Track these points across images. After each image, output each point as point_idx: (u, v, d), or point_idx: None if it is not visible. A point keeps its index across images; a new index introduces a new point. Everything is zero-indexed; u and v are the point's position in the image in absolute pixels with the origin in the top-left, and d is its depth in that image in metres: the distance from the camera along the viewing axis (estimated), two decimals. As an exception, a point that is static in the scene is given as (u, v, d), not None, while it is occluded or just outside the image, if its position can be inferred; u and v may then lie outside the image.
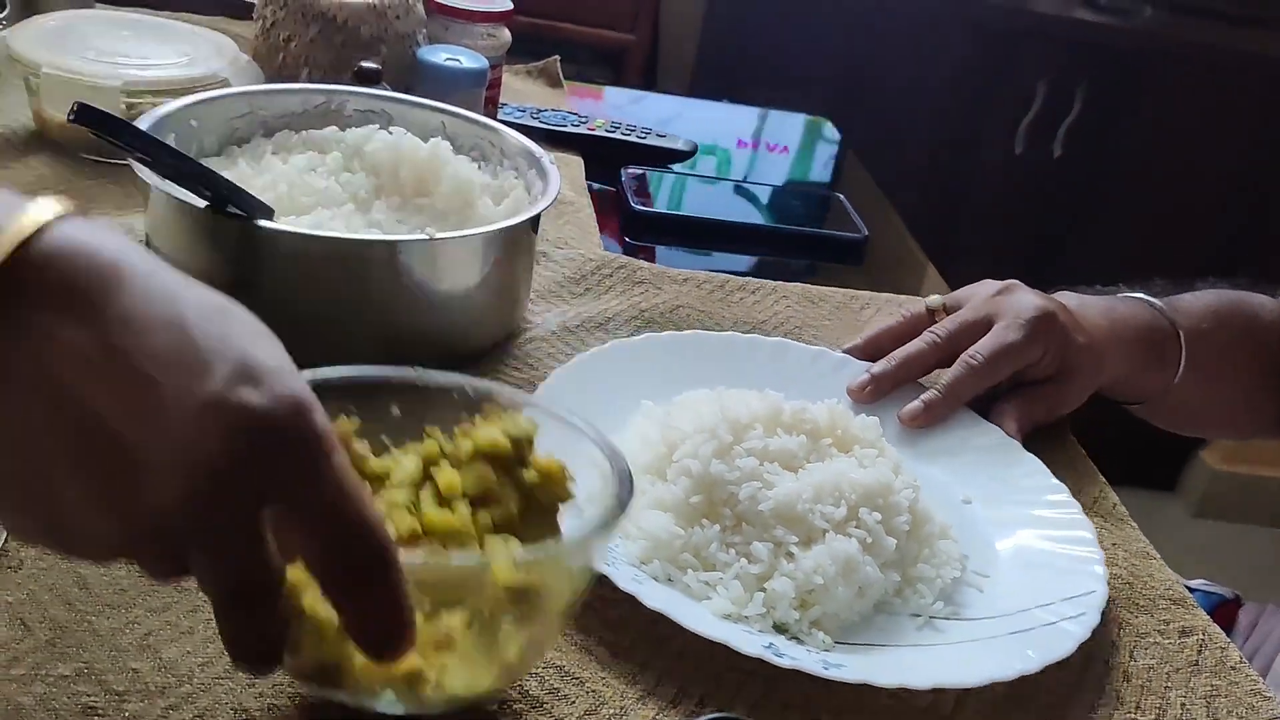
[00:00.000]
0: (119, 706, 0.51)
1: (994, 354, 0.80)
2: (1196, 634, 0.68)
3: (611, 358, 0.78)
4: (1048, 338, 0.80)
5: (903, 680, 0.57)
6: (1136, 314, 0.88)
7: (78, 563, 0.58)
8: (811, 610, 0.61)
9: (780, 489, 0.64)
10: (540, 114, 1.22)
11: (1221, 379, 0.92)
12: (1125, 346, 0.86)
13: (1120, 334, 0.86)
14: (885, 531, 0.65)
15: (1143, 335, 0.88)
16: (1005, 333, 0.80)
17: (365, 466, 0.53)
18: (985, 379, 0.80)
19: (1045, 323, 0.80)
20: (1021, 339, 0.80)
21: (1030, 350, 0.80)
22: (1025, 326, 0.80)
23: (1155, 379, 0.88)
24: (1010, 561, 0.69)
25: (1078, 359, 0.82)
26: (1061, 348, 0.81)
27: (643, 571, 0.63)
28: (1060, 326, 0.81)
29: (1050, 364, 0.81)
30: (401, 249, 0.74)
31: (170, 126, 0.81)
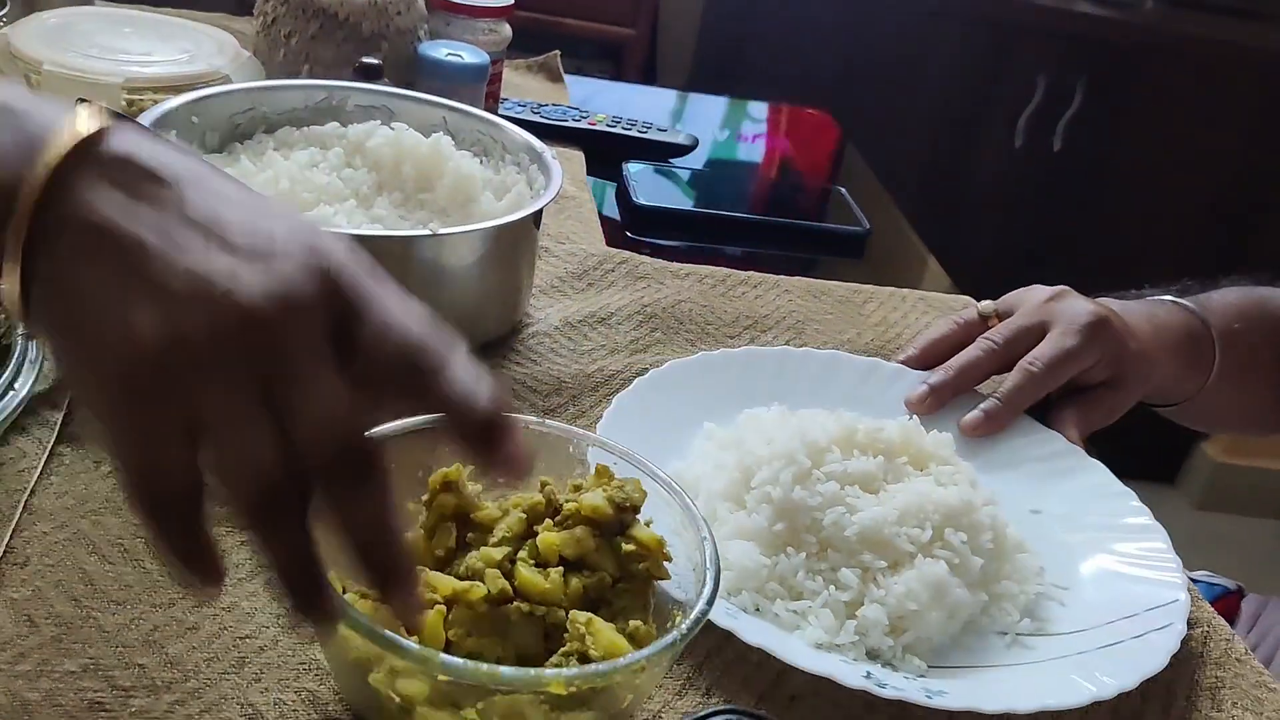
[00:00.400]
0: (125, 702, 0.51)
1: (1053, 360, 0.80)
2: (1201, 626, 0.68)
3: (669, 378, 0.77)
4: (1103, 343, 0.81)
5: (1008, 705, 0.57)
6: (1175, 317, 0.89)
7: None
8: (904, 635, 0.61)
9: (864, 513, 0.64)
10: (541, 109, 1.22)
11: (1250, 378, 0.92)
12: (1169, 352, 0.87)
13: (1163, 340, 0.87)
14: (971, 551, 0.64)
15: (1183, 339, 0.88)
16: (1063, 339, 0.81)
17: (476, 514, 0.54)
18: (1045, 385, 0.80)
19: (1100, 328, 0.81)
20: (1078, 344, 0.80)
21: (1086, 356, 0.80)
22: (1081, 332, 0.80)
23: (1192, 382, 0.89)
24: (1087, 573, 0.69)
25: (1131, 365, 0.83)
26: (1115, 353, 0.82)
27: (733, 604, 0.61)
28: (1114, 332, 0.82)
29: (1104, 369, 0.82)
30: (405, 244, 0.74)
31: (172, 123, 0.81)
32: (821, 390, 0.80)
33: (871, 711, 0.58)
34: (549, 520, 0.54)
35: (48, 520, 0.60)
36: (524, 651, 0.51)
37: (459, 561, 0.54)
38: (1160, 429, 1.01)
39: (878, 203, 1.28)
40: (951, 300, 1.01)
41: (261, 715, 0.52)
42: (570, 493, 0.55)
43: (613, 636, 0.50)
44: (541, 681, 0.44)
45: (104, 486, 0.63)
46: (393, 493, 0.42)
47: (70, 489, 0.62)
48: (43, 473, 0.63)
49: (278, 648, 0.55)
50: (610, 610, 0.53)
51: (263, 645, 0.55)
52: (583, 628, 0.50)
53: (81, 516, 0.61)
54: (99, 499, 0.62)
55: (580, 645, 0.49)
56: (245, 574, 0.59)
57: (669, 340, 0.87)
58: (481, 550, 0.53)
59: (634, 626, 0.52)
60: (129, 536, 0.60)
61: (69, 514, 0.61)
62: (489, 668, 0.43)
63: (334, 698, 0.53)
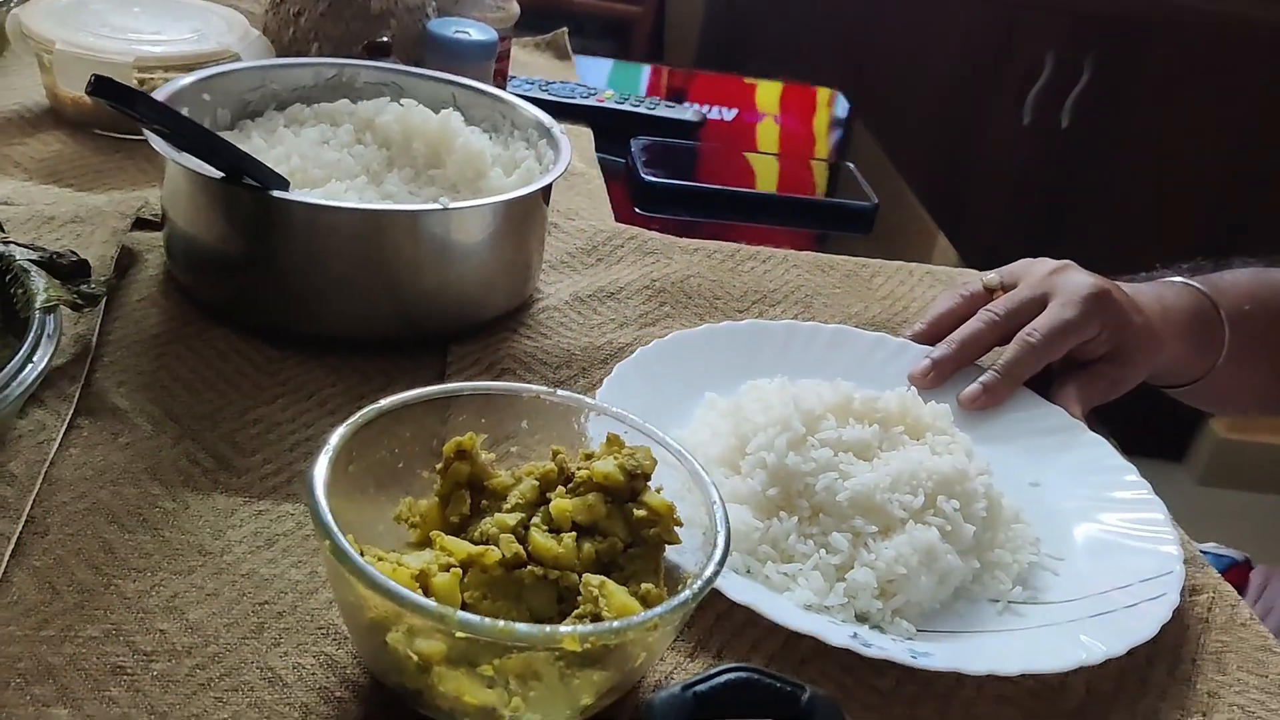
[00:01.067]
0: (147, 666, 0.52)
1: (1051, 331, 0.80)
2: (1206, 592, 0.69)
3: (672, 349, 0.78)
4: (1104, 315, 0.81)
5: (991, 667, 0.57)
6: (1184, 299, 0.89)
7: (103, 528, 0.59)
8: (893, 599, 0.62)
9: (857, 479, 0.65)
10: (549, 86, 1.23)
11: (1259, 359, 0.92)
12: (1178, 334, 0.86)
13: (1172, 320, 0.87)
14: (964, 519, 0.65)
15: (1192, 321, 0.88)
16: (1062, 310, 0.80)
17: (490, 481, 0.56)
18: (1043, 357, 0.80)
19: (1101, 300, 0.81)
20: (1078, 315, 0.80)
21: (1087, 328, 0.80)
22: (1082, 304, 0.80)
23: (1201, 364, 0.89)
24: (1083, 544, 0.70)
25: (1136, 339, 0.82)
26: (1117, 326, 0.81)
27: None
28: (1116, 305, 0.81)
29: (1105, 342, 0.82)
30: (416, 219, 0.75)
31: (183, 101, 0.82)
32: (827, 363, 0.81)
33: (880, 675, 0.59)
34: (561, 487, 0.55)
35: (67, 490, 0.61)
36: (538, 614, 0.52)
37: (473, 528, 0.55)
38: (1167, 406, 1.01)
39: (886, 179, 1.28)
40: (959, 275, 1.02)
41: (281, 678, 0.53)
42: (582, 461, 0.56)
43: (625, 598, 0.51)
44: (556, 638, 0.44)
45: (122, 458, 0.64)
46: None
47: (89, 460, 0.63)
48: (61, 444, 0.64)
49: (296, 613, 0.56)
50: (622, 574, 0.53)
51: (281, 611, 0.56)
52: (596, 590, 0.50)
53: (100, 487, 0.62)
54: (117, 470, 0.63)
55: (593, 607, 0.50)
56: (263, 542, 0.60)
57: (678, 314, 0.88)
58: (495, 516, 0.54)
59: (645, 589, 0.52)
60: (147, 506, 0.61)
61: (88, 484, 0.62)
62: (505, 624, 0.44)
63: (352, 661, 0.54)
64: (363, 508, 0.54)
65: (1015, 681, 0.60)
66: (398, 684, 0.50)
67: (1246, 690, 0.62)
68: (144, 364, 0.72)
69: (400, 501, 0.56)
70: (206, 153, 0.71)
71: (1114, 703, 0.60)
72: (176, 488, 0.63)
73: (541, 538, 0.53)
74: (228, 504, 0.62)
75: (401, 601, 0.45)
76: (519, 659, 0.46)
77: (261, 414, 0.70)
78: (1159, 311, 0.86)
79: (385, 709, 0.52)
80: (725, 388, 0.75)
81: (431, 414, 0.58)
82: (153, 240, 0.84)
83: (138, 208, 0.86)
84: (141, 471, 0.63)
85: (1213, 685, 0.62)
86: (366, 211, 0.75)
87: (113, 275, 0.77)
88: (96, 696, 0.50)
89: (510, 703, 0.48)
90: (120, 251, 0.80)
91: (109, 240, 0.80)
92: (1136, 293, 0.87)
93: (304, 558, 0.60)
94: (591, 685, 0.49)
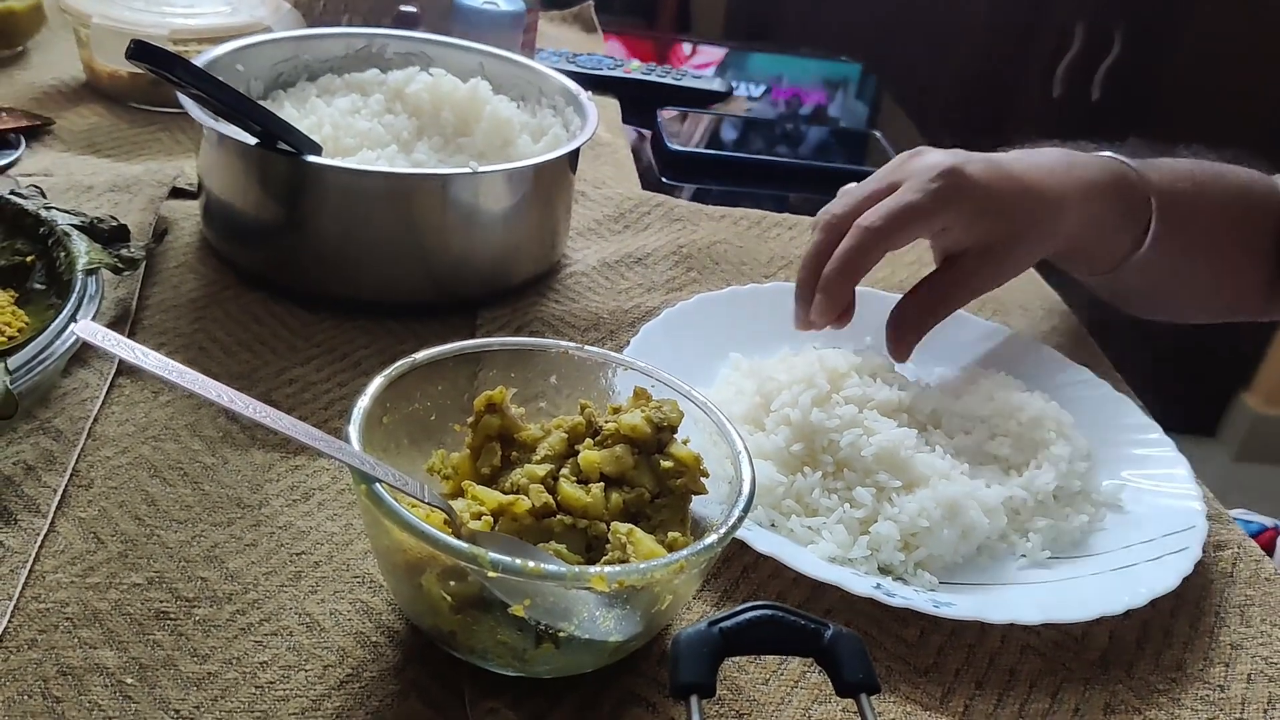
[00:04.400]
0: (189, 611, 0.54)
1: (889, 215, 0.70)
2: (1231, 547, 0.69)
3: (698, 310, 0.79)
4: (956, 197, 0.70)
5: (1013, 617, 0.58)
6: (1101, 165, 0.78)
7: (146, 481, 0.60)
8: (916, 552, 0.63)
9: (882, 435, 0.66)
10: (577, 58, 1.23)
11: (1199, 249, 0.82)
12: (1085, 200, 0.75)
13: (1077, 180, 0.76)
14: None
15: (1106, 189, 0.77)
16: (903, 194, 0.70)
17: (519, 434, 0.57)
18: (881, 243, 0.70)
19: (951, 179, 0.70)
20: (921, 198, 0.70)
21: (935, 212, 0.70)
22: (927, 186, 0.70)
23: (1121, 242, 0.79)
24: (1106, 499, 0.70)
25: (1009, 212, 0.72)
26: (977, 208, 0.71)
27: (748, 518, 0.63)
28: (969, 181, 0.71)
29: (970, 230, 0.72)
30: (446, 183, 0.76)
31: (217, 71, 0.83)
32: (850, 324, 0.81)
33: (905, 626, 0.60)
34: (589, 440, 0.56)
35: (110, 446, 0.63)
36: (567, 562, 0.53)
37: (503, 479, 0.56)
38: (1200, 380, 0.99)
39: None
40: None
41: (318, 624, 0.54)
42: (609, 414, 0.57)
43: (652, 546, 0.52)
44: (585, 578, 0.45)
45: (163, 414, 0.65)
46: None
47: (131, 417, 0.65)
48: (104, 402, 0.66)
49: (332, 563, 0.58)
50: (649, 524, 0.55)
51: (318, 561, 0.58)
52: (624, 537, 0.52)
53: (142, 442, 0.63)
54: (158, 426, 0.65)
55: (621, 554, 0.51)
56: (299, 496, 0.62)
57: (705, 279, 0.89)
58: (525, 467, 0.55)
59: (672, 538, 0.53)
60: (188, 461, 0.63)
61: (130, 440, 0.63)
62: (535, 564, 0.45)
63: (387, 607, 0.55)
64: (397, 460, 0.55)
65: (1039, 632, 0.61)
66: (432, 626, 0.51)
67: (1270, 642, 0.63)
68: (182, 326, 0.73)
69: (433, 454, 0.58)
70: (241, 118, 0.72)
71: (1138, 653, 0.61)
72: (215, 444, 0.64)
73: (570, 488, 0.54)
74: (265, 459, 0.64)
75: (435, 543, 0.46)
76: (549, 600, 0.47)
77: (297, 374, 0.71)
78: (1061, 173, 0.75)
79: (420, 652, 0.53)
80: (750, 349, 0.76)
81: (463, 368, 0.59)
82: (189, 208, 0.85)
83: (174, 177, 0.87)
84: (182, 428, 0.65)
85: (1236, 637, 0.63)
86: (397, 175, 0.77)
87: (151, 240, 0.78)
88: (141, 640, 0.52)
89: (541, 644, 0.49)
90: (157, 219, 0.82)
91: (146, 208, 0.82)
92: (1035, 156, 0.77)
93: (339, 511, 0.61)
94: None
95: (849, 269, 0.70)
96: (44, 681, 0.49)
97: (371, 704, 0.51)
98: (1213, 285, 0.87)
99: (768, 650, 0.45)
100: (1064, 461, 0.69)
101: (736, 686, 0.54)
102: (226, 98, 0.70)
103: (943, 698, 0.56)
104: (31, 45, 1.11)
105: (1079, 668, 0.59)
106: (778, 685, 0.55)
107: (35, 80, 1.04)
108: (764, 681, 0.55)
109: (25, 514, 0.57)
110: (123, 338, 0.48)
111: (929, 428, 0.71)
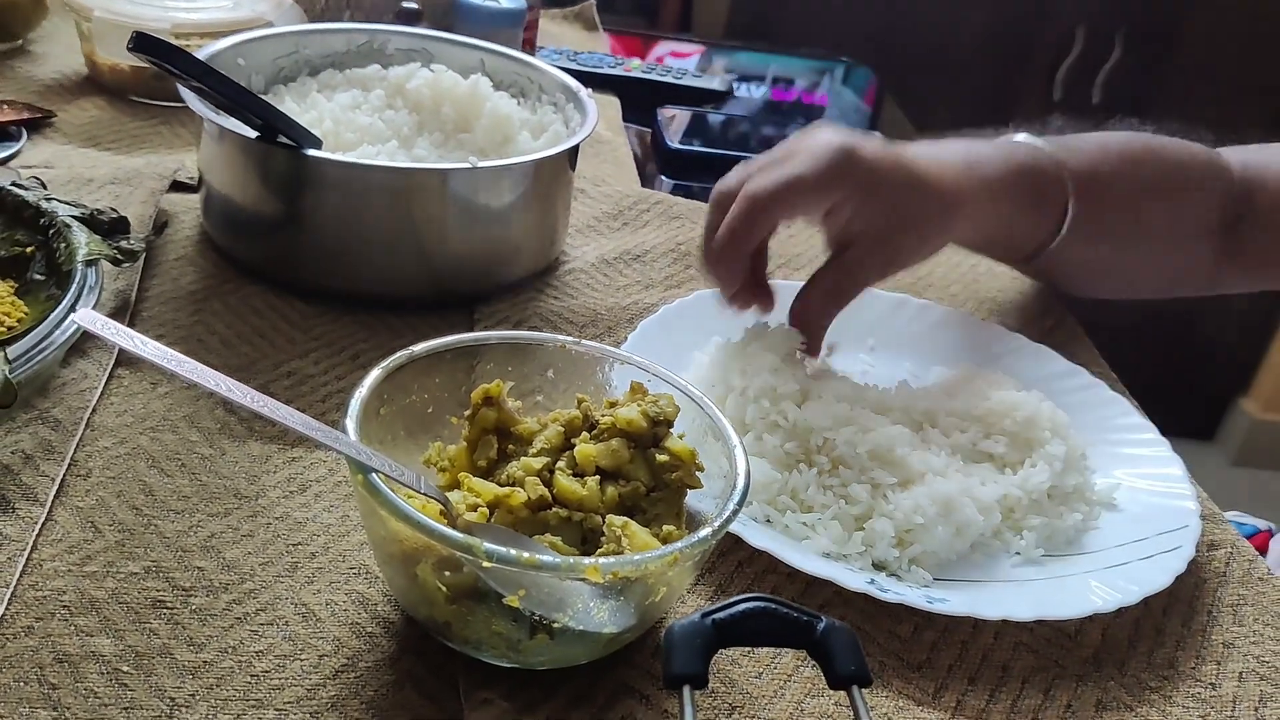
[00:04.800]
0: (185, 600, 0.54)
1: (777, 186, 0.68)
2: (1224, 547, 0.70)
3: (695, 307, 0.79)
4: (845, 175, 0.68)
5: (1006, 613, 0.58)
6: (1005, 153, 0.77)
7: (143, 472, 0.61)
8: (910, 548, 0.63)
9: (877, 432, 0.66)
10: (578, 56, 1.24)
11: (1128, 227, 0.81)
12: (984, 199, 0.74)
13: (978, 183, 0.74)
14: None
15: (1011, 176, 0.75)
16: (793, 166, 0.69)
17: (516, 427, 0.57)
18: (769, 213, 0.69)
19: (842, 157, 0.68)
20: (810, 171, 0.68)
21: (823, 186, 0.68)
22: (817, 159, 0.68)
23: (1035, 228, 0.78)
24: (1101, 498, 0.70)
25: (901, 203, 0.70)
26: (865, 190, 0.69)
27: (743, 514, 0.62)
28: (863, 161, 0.69)
29: (859, 214, 0.70)
30: (446, 178, 0.76)
31: (219, 64, 0.83)
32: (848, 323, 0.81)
33: (899, 622, 0.60)
34: (586, 433, 0.56)
35: (109, 436, 0.63)
36: (563, 554, 0.53)
37: (500, 472, 0.56)
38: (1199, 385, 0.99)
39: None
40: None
41: (314, 614, 0.54)
42: (606, 408, 0.57)
43: (647, 538, 0.52)
44: (580, 568, 0.46)
45: (161, 406, 0.66)
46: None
47: (129, 408, 0.65)
48: (103, 393, 0.66)
49: (328, 554, 0.58)
50: (644, 518, 0.55)
51: (314, 552, 0.58)
52: (619, 530, 0.52)
53: (140, 433, 0.64)
54: (156, 417, 0.65)
55: (616, 547, 0.52)
56: (296, 488, 0.62)
57: (703, 277, 0.89)
58: (522, 460, 0.55)
59: (667, 531, 0.54)
60: (186, 452, 0.63)
61: (129, 430, 0.64)
62: (530, 554, 0.45)
63: (383, 598, 0.56)
64: (393, 452, 0.56)
65: (1032, 629, 0.61)
66: (427, 617, 0.51)
67: (1262, 641, 0.63)
68: (181, 318, 0.74)
69: (430, 446, 0.58)
70: (243, 111, 0.72)
71: (1131, 651, 0.61)
72: (213, 435, 0.64)
73: (566, 481, 0.54)
74: (262, 451, 0.64)
75: (430, 533, 0.46)
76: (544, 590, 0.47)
77: (295, 367, 0.71)
78: (957, 169, 0.74)
79: (415, 643, 0.54)
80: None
81: (460, 362, 0.59)
82: (189, 202, 0.86)
83: (174, 170, 0.87)
84: (180, 419, 0.65)
85: (1229, 636, 0.63)
86: (397, 170, 0.77)
87: (151, 233, 0.79)
88: (138, 628, 0.52)
89: (535, 634, 0.49)
90: (157, 211, 0.82)
91: (147, 201, 0.82)
92: (936, 147, 0.76)
93: (336, 502, 0.61)
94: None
95: (736, 239, 0.69)
96: (40, 669, 0.49)
97: (366, 694, 0.51)
98: (1149, 263, 0.85)
99: (760, 642, 0.45)
100: (1058, 460, 0.69)
101: (730, 680, 0.55)
102: (228, 91, 0.70)
103: (935, 693, 0.56)
104: (33, 38, 1.11)
105: (1072, 665, 0.60)
106: (771, 679, 0.55)
107: (37, 73, 1.04)
108: (757, 675, 0.55)
109: (23, 502, 0.58)
110: (123, 326, 0.48)
111: (925, 426, 0.71)
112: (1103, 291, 0.90)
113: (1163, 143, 0.84)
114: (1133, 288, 0.91)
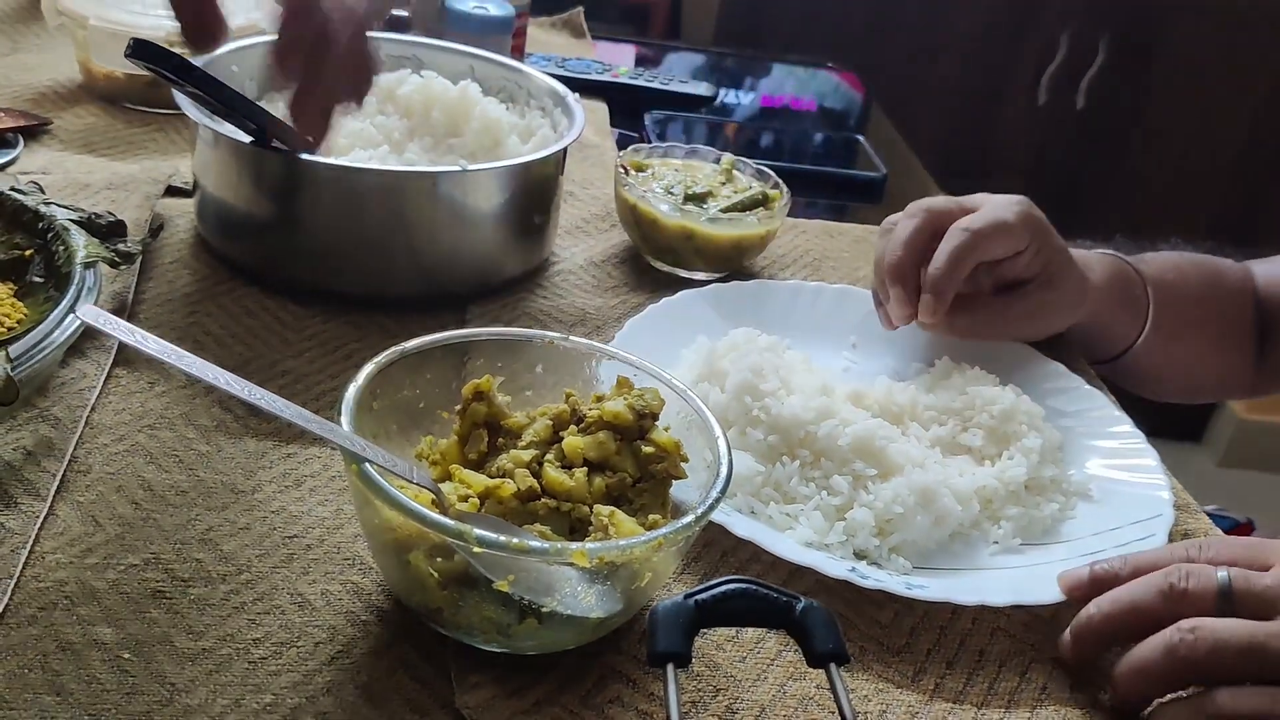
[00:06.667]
0: (184, 591, 0.55)
1: (986, 226, 0.77)
2: (1197, 536, 0.71)
3: (682, 306, 0.81)
4: (1034, 227, 0.79)
5: (983, 599, 0.60)
6: (1104, 260, 0.88)
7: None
8: (890, 537, 0.65)
9: (858, 425, 0.68)
10: (566, 63, 1.25)
11: (1186, 334, 0.91)
12: (1101, 283, 0.85)
13: (1095, 271, 0.85)
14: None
15: (1113, 277, 0.86)
16: (996, 210, 0.79)
17: (506, 421, 0.59)
18: (978, 249, 0.77)
19: (1031, 213, 0.79)
20: (1011, 218, 0.78)
21: (1019, 232, 0.78)
22: (1014, 210, 0.79)
23: (1128, 328, 0.87)
24: (1077, 488, 0.72)
25: (1065, 262, 0.81)
26: (1045, 242, 0.80)
27: (727, 505, 0.65)
28: (1045, 222, 0.80)
29: (1035, 260, 0.80)
30: (436, 181, 0.78)
31: (213, 71, 0.84)
32: (833, 321, 0.83)
33: (879, 609, 0.62)
34: (573, 426, 0.58)
35: (108, 434, 0.64)
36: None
37: (490, 465, 0.58)
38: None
39: (901, 157, 1.30)
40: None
41: (310, 603, 0.56)
42: (593, 402, 0.59)
43: (633, 527, 0.54)
44: (567, 553, 0.47)
45: (159, 404, 0.67)
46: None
47: (127, 406, 0.67)
48: (101, 392, 0.67)
49: (323, 546, 0.59)
50: (631, 508, 0.56)
51: (309, 544, 0.59)
52: (606, 519, 0.53)
53: (139, 430, 0.65)
54: (154, 415, 0.66)
55: (604, 535, 0.53)
56: (291, 483, 0.63)
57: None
58: (511, 453, 0.57)
59: (653, 520, 0.55)
60: (183, 449, 0.64)
61: (127, 428, 0.65)
62: (518, 540, 0.47)
63: (377, 589, 0.57)
64: (386, 446, 0.57)
65: (1009, 615, 0.62)
66: (420, 603, 0.53)
67: (1233, 625, 0.65)
68: (177, 320, 0.75)
69: (421, 440, 0.60)
70: (237, 116, 0.74)
71: (1104, 636, 0.63)
72: (210, 432, 0.66)
73: (555, 472, 0.56)
74: (258, 447, 0.66)
75: (422, 520, 0.48)
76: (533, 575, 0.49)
77: (289, 366, 0.73)
78: (1082, 261, 0.84)
79: (408, 630, 0.55)
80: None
81: (451, 357, 0.61)
82: (184, 206, 0.87)
83: (169, 175, 0.89)
84: (177, 417, 0.67)
85: (1201, 621, 0.65)
86: (389, 173, 0.79)
87: (147, 236, 0.80)
88: (138, 617, 0.54)
89: (525, 619, 0.51)
90: (153, 215, 0.83)
91: (142, 205, 0.84)
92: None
93: (330, 497, 0.63)
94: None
95: (956, 268, 0.77)
96: (44, 656, 0.51)
97: (361, 679, 0.52)
98: (1201, 367, 0.95)
99: (741, 622, 0.47)
100: (1035, 453, 0.71)
101: (714, 663, 0.56)
102: (223, 96, 0.72)
103: (914, 676, 0.58)
104: (29, 46, 1.12)
105: (1047, 648, 0.61)
106: (754, 662, 0.57)
107: (33, 81, 1.05)
108: (741, 659, 0.57)
109: (25, 497, 0.59)
110: (124, 322, 0.49)
111: (904, 419, 0.73)
112: (1168, 394, 0.98)
113: (1202, 257, 0.94)
114: (1190, 389, 1.00)
